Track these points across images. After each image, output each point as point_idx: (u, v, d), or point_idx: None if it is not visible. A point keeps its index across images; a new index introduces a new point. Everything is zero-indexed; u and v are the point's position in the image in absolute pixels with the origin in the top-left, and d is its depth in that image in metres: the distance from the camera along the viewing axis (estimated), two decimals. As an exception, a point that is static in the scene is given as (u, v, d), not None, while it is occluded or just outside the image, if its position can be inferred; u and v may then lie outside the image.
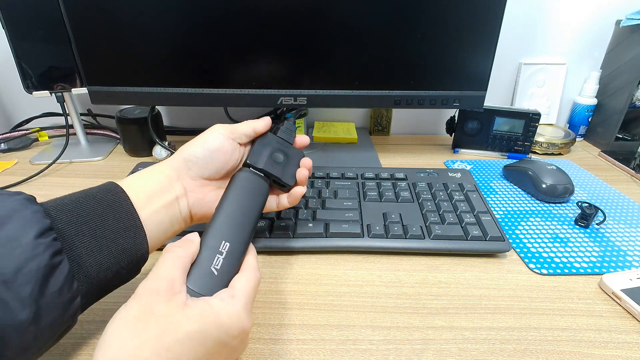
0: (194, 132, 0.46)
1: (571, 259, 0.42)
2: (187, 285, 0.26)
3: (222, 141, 0.34)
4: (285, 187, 0.37)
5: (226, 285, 0.27)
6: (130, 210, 0.29)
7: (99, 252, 0.27)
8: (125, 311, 0.23)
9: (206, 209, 0.34)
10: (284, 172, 0.36)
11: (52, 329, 0.24)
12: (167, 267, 0.25)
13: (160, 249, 0.30)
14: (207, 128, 0.36)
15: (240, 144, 0.36)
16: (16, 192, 0.26)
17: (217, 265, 0.27)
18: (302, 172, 0.37)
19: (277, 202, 0.38)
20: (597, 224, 0.48)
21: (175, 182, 0.33)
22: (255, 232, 0.32)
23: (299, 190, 0.38)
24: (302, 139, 0.40)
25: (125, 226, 0.28)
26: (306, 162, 0.38)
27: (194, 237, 0.29)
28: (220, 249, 0.28)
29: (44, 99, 0.63)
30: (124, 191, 0.30)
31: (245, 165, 0.35)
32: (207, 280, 0.27)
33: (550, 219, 0.50)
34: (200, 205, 0.34)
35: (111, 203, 0.28)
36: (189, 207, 0.33)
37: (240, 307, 0.26)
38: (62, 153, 0.63)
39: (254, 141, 0.37)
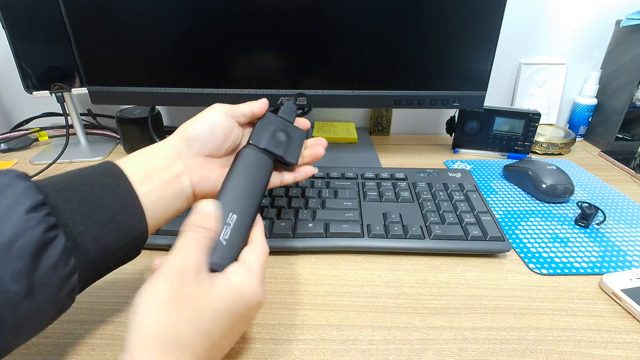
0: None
1: (571, 259, 0.42)
2: None
3: (222, 118, 0.34)
4: (289, 166, 0.37)
5: (235, 255, 0.29)
6: (128, 187, 0.28)
7: (98, 229, 0.26)
8: (157, 293, 0.24)
9: (210, 187, 0.34)
10: (287, 150, 0.36)
11: (47, 305, 0.24)
12: (191, 249, 0.26)
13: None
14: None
15: (239, 124, 0.36)
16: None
17: (226, 235, 0.29)
18: (317, 150, 0.39)
19: (281, 178, 0.38)
20: (597, 224, 0.48)
21: (176, 160, 0.32)
22: (261, 206, 0.34)
23: (309, 170, 0.39)
24: (303, 120, 0.40)
25: (124, 204, 0.28)
26: (319, 141, 0.39)
27: (216, 212, 0.29)
28: (227, 221, 0.29)
29: (44, 99, 0.63)
30: (120, 168, 0.29)
31: (248, 144, 0.36)
32: (217, 250, 0.28)
33: (550, 219, 0.50)
34: (203, 183, 0.34)
35: (108, 181, 0.28)
36: (192, 185, 0.33)
37: (257, 280, 0.27)
38: (62, 153, 0.63)
39: (255, 122, 0.37)
